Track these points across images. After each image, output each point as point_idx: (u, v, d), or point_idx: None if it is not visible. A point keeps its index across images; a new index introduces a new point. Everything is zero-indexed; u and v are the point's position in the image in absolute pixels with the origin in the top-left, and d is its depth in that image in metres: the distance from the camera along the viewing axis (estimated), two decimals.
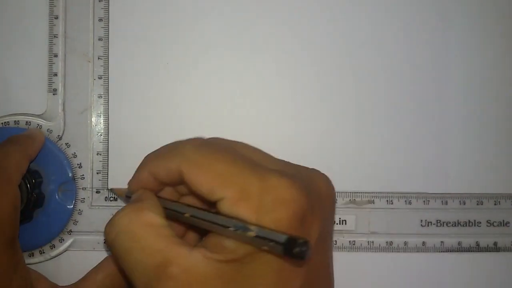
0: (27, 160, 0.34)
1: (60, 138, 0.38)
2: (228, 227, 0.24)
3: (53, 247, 0.37)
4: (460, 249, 0.39)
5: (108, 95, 0.38)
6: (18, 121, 0.37)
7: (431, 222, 0.39)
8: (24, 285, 0.31)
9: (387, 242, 0.39)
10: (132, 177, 0.29)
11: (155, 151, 0.29)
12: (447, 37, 0.39)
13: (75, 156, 0.38)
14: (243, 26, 0.39)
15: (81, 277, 0.34)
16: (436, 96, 0.39)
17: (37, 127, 0.37)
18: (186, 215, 0.27)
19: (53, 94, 0.38)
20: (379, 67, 0.39)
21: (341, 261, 0.39)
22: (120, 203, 0.38)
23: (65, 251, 0.38)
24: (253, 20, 0.39)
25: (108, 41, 0.38)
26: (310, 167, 0.29)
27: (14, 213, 0.31)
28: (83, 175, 0.38)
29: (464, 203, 0.39)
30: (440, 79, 0.39)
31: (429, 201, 0.39)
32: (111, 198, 0.38)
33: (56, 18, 0.38)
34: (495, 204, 0.39)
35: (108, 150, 0.38)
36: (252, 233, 0.24)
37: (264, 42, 0.39)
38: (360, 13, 0.39)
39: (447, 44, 0.39)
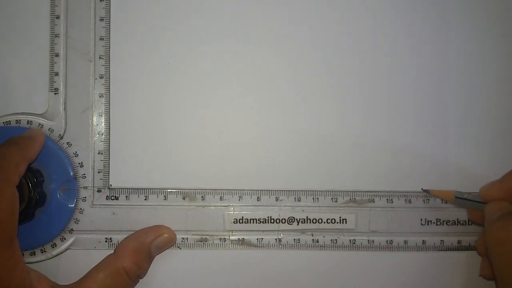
0: (26, 161, 0.34)
1: (61, 137, 0.38)
2: None
3: (54, 245, 0.37)
4: (460, 247, 0.39)
5: (109, 94, 0.38)
6: (19, 120, 0.37)
7: (431, 221, 0.39)
8: (23, 286, 0.31)
9: (387, 241, 0.39)
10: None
11: None
12: (448, 40, 0.40)
13: (76, 155, 0.38)
14: (245, 26, 0.39)
15: (82, 276, 0.34)
16: (436, 96, 0.40)
17: (38, 126, 0.37)
18: None
19: (55, 93, 0.38)
20: (381, 68, 0.39)
21: (341, 260, 0.39)
22: (121, 202, 0.38)
23: (66, 249, 0.38)
24: (255, 19, 0.39)
25: (109, 40, 0.38)
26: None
27: (12, 214, 0.31)
28: (84, 174, 0.38)
29: None
30: (440, 80, 0.40)
31: (429, 200, 0.39)
32: (112, 197, 0.38)
33: (58, 17, 0.38)
34: None
35: (109, 149, 0.38)
36: None
37: (266, 41, 0.39)
38: (359, 14, 0.39)
39: (449, 47, 0.40)
